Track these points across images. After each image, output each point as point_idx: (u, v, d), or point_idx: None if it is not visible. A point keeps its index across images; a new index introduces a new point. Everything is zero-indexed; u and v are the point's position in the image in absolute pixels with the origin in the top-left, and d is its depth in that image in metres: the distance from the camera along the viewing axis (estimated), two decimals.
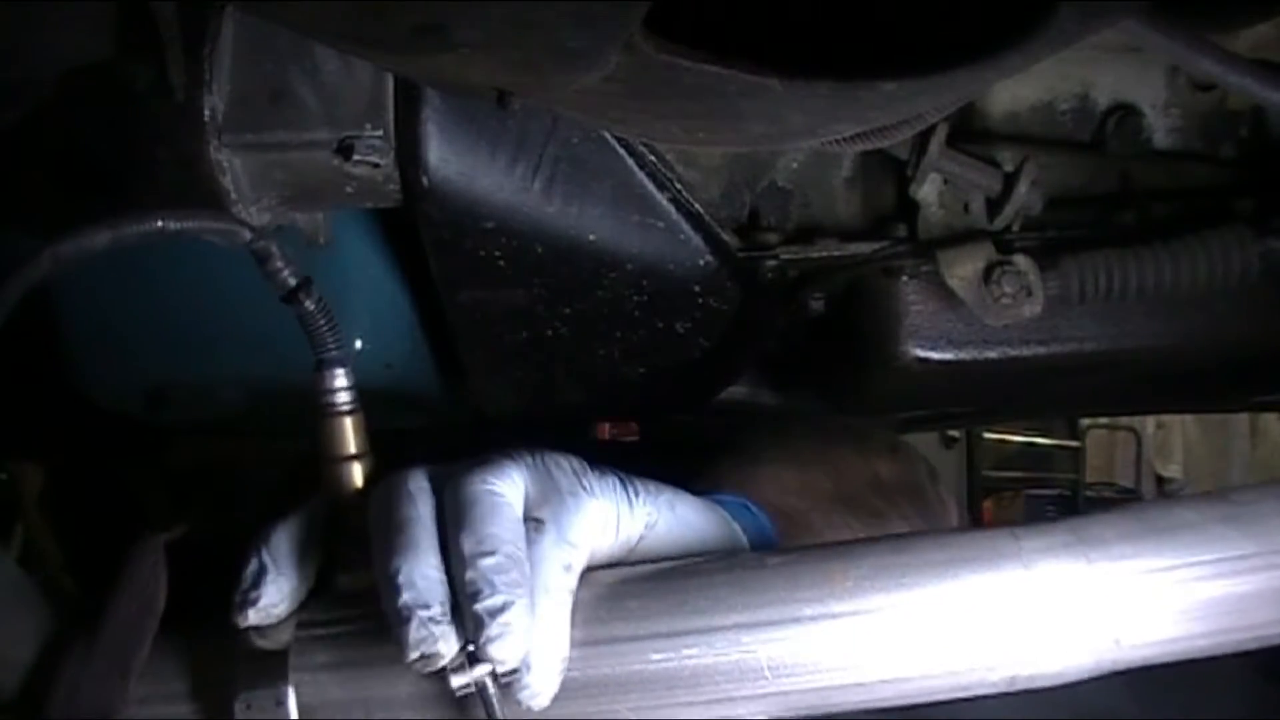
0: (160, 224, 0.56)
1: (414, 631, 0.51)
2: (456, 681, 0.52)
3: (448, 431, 1.10)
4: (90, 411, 1.01)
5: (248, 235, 0.58)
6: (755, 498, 0.73)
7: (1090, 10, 0.47)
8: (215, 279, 0.92)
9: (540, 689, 0.53)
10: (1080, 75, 0.88)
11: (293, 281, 0.58)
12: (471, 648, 0.52)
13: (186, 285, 0.93)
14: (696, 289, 0.85)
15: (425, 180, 0.76)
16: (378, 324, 0.92)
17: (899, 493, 0.91)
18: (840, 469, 0.90)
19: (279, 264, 0.58)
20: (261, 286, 0.58)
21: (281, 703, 0.55)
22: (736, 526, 0.68)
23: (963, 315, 0.86)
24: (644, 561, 0.61)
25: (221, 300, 0.93)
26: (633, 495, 0.60)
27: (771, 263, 0.87)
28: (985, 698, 0.58)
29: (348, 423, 0.60)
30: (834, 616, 0.55)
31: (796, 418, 1.03)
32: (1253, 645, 0.56)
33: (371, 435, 0.62)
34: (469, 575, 0.52)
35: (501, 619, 0.51)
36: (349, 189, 0.75)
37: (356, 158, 0.72)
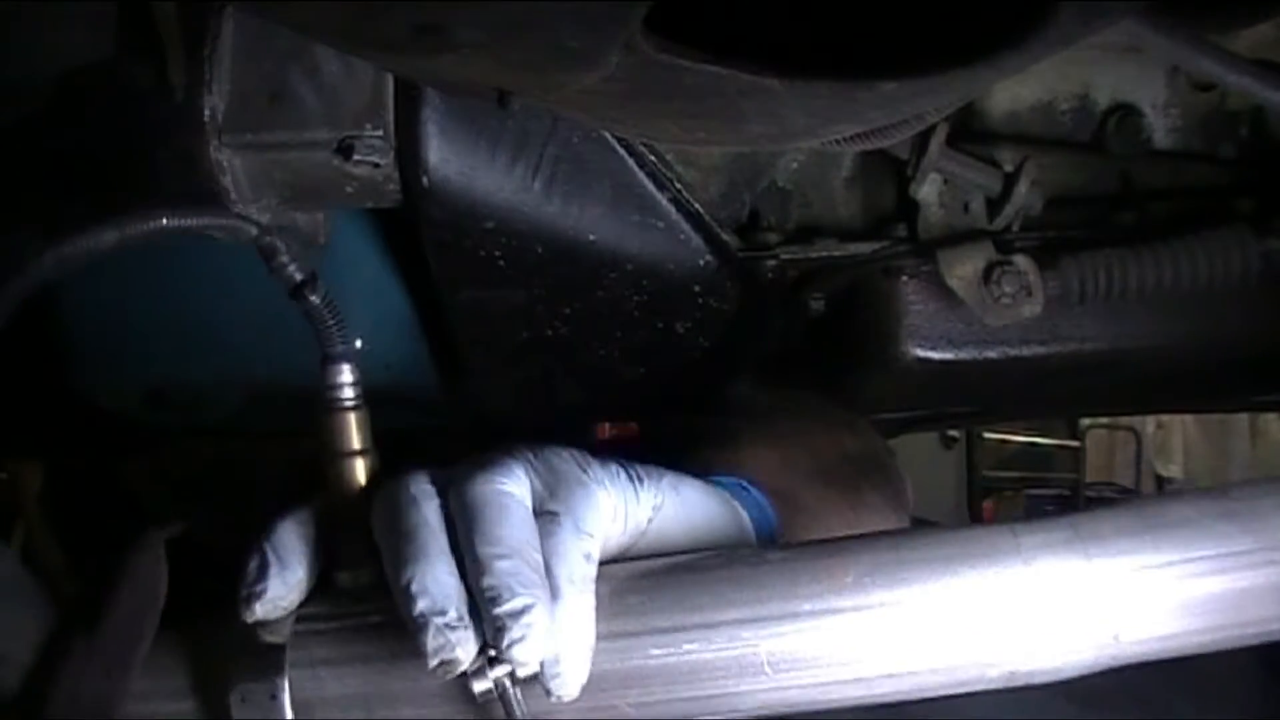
0: (166, 222, 0.55)
1: (432, 639, 0.51)
2: (479, 687, 0.52)
3: (447, 432, 1.10)
4: (90, 411, 1.01)
5: (254, 231, 0.58)
6: (746, 478, 0.73)
7: (1090, 10, 0.47)
8: (214, 280, 0.92)
9: (571, 679, 0.53)
10: (1080, 75, 0.88)
11: (299, 277, 0.58)
12: (492, 651, 0.52)
13: (186, 286, 0.93)
14: (696, 289, 0.85)
15: (425, 180, 0.75)
16: (377, 324, 0.92)
17: (866, 465, 0.91)
18: (812, 444, 0.90)
19: (284, 259, 0.58)
20: (260, 287, 0.58)
21: (276, 697, 0.55)
22: (738, 506, 0.68)
23: (963, 315, 0.86)
24: (654, 548, 0.61)
25: (220, 301, 0.93)
26: (637, 481, 0.60)
27: (771, 263, 0.87)
28: (984, 694, 0.58)
29: (352, 418, 0.60)
30: (834, 612, 0.55)
31: (763, 395, 1.03)
32: (1252, 641, 0.56)
33: (374, 433, 0.62)
34: (486, 580, 0.52)
35: (523, 620, 0.51)
36: (349, 189, 0.75)
37: (356, 158, 0.72)
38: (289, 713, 0.55)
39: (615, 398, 0.98)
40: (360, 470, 0.60)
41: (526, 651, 0.51)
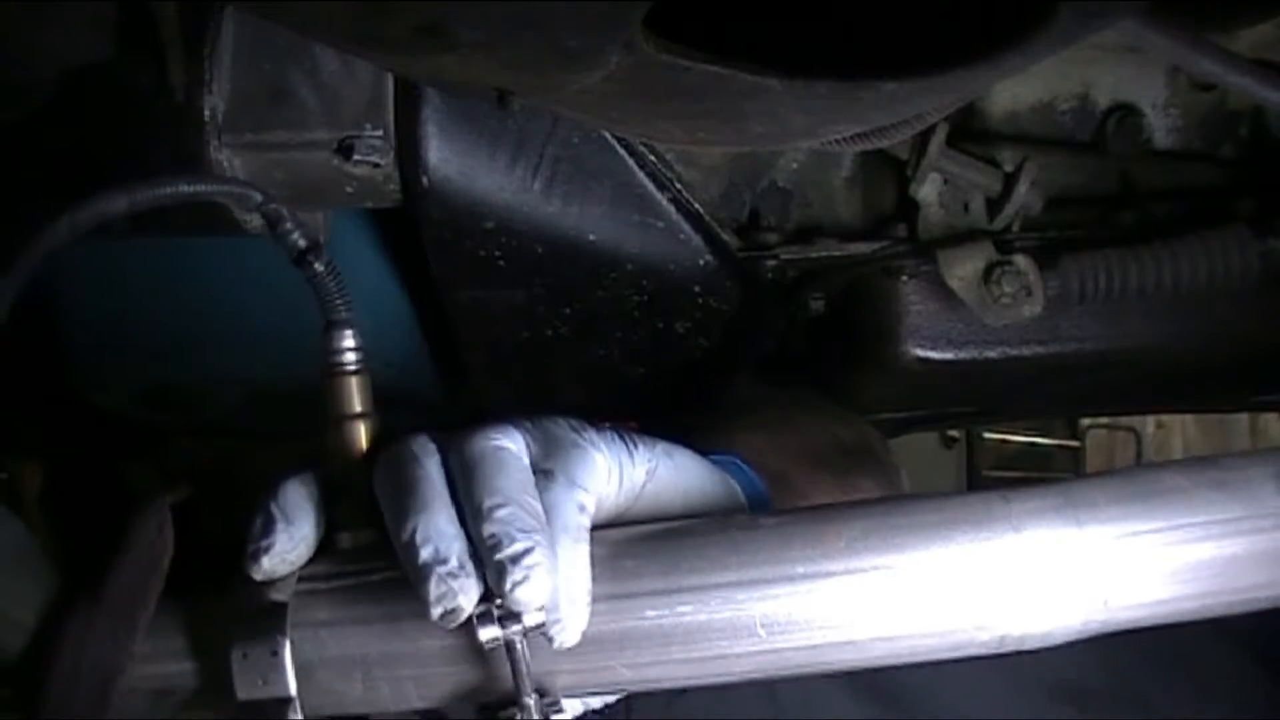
0: (174, 188, 0.56)
1: (435, 587, 0.52)
2: (485, 635, 0.53)
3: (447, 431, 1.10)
4: (90, 411, 1.02)
5: (259, 198, 0.58)
6: (738, 456, 0.74)
7: (1090, 10, 0.47)
8: (214, 280, 0.92)
9: (571, 625, 0.54)
10: (1080, 75, 0.88)
11: (303, 244, 0.59)
12: (498, 602, 0.52)
13: (185, 286, 0.93)
14: (696, 289, 0.85)
15: (425, 180, 0.76)
16: (378, 324, 0.92)
17: (858, 453, 0.91)
18: (803, 431, 0.91)
19: (289, 226, 0.59)
20: (260, 287, 0.58)
21: (278, 654, 0.55)
22: (731, 479, 0.69)
23: (963, 315, 0.86)
24: (649, 512, 0.61)
25: (220, 300, 0.93)
26: (631, 445, 0.61)
27: (771, 263, 0.87)
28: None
29: (353, 382, 0.61)
30: (827, 575, 0.56)
31: (753, 391, 1.03)
32: (1241, 609, 0.56)
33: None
34: (487, 529, 0.53)
35: (525, 563, 0.51)
36: (349, 189, 0.75)
37: (356, 158, 0.72)
38: (290, 671, 0.55)
39: (615, 398, 0.98)
40: (362, 433, 0.61)
41: (529, 592, 0.51)
